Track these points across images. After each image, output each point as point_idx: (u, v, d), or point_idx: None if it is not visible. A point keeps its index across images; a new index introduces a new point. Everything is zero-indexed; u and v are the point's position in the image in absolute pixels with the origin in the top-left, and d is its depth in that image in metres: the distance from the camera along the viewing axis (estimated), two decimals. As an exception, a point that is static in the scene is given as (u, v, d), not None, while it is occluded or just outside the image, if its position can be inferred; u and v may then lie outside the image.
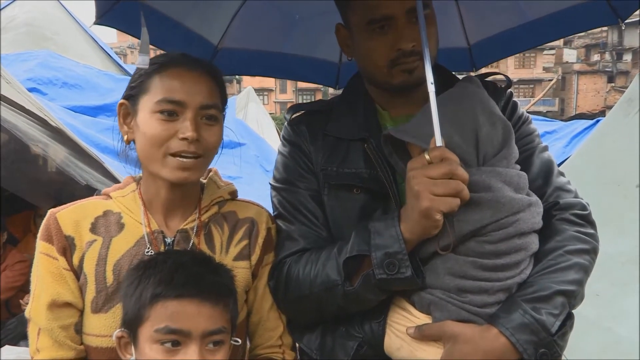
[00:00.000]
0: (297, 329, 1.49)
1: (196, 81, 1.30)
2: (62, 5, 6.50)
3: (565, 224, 1.36)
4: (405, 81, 1.37)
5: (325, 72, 2.02)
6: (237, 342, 1.23)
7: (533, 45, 1.99)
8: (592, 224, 1.39)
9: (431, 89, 1.22)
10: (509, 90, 1.53)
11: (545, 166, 1.44)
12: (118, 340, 1.21)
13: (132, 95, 1.33)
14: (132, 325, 1.17)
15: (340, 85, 2.04)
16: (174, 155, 1.27)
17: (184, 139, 1.25)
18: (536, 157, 1.44)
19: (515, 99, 1.54)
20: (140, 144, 1.31)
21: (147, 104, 1.29)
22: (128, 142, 1.36)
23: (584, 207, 1.40)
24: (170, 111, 1.26)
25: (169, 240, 1.37)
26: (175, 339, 1.12)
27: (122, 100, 1.35)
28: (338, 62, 1.98)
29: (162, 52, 1.51)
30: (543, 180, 1.41)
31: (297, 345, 1.53)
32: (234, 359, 1.45)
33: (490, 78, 1.54)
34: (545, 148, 1.49)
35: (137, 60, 1.31)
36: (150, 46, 1.37)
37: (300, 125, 1.53)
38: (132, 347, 1.18)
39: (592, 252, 1.35)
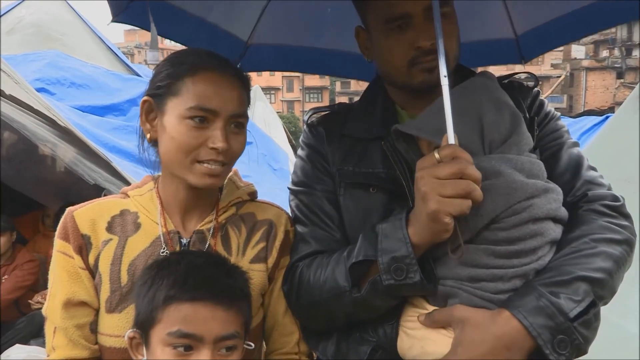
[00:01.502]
0: (312, 337, 1.46)
1: (228, 88, 1.28)
2: (70, 6, 6.54)
3: (593, 214, 1.27)
4: (425, 81, 1.33)
5: (361, 67, 1.92)
6: (250, 346, 1.21)
7: (583, 34, 1.87)
8: (625, 216, 1.30)
9: (444, 82, 1.18)
10: (536, 88, 1.49)
11: (574, 160, 1.38)
12: (130, 340, 1.19)
13: (159, 94, 1.29)
14: (144, 326, 1.15)
15: None
16: (201, 162, 1.26)
17: (213, 148, 1.24)
18: (564, 152, 1.39)
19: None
20: (166, 147, 1.28)
21: (177, 108, 1.25)
22: (151, 140, 1.33)
23: (616, 199, 1.32)
24: (202, 118, 1.24)
25: (184, 241, 1.35)
26: (188, 343, 1.10)
27: (146, 97, 1.32)
28: None
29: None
30: (572, 174, 1.35)
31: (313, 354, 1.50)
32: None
33: (515, 77, 1.50)
34: (575, 144, 1.43)
35: (148, 57, 1.30)
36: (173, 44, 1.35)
37: (318, 127, 1.51)
38: (144, 348, 1.17)
39: (625, 243, 1.24)
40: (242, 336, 1.18)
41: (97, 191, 3.12)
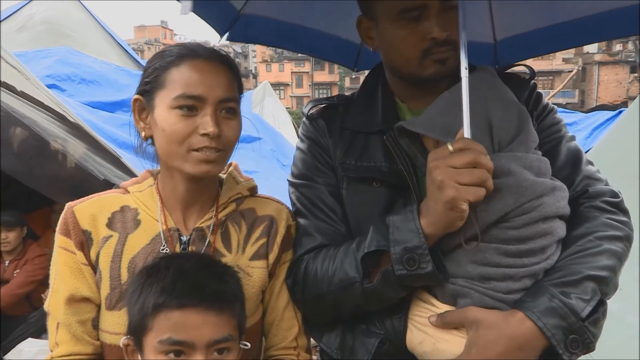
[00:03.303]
0: (316, 328, 1.47)
1: (214, 74, 1.26)
2: (80, 3, 6.57)
3: (595, 211, 1.30)
4: (436, 72, 1.33)
5: (346, 52, 1.94)
6: (247, 345, 1.21)
7: (563, 47, 1.87)
8: (624, 212, 1.32)
9: (464, 73, 1.19)
10: (533, 81, 1.49)
11: (573, 155, 1.39)
12: (125, 347, 1.19)
13: (147, 90, 1.29)
14: (136, 333, 1.15)
15: (359, 67, 1.98)
16: (195, 150, 1.24)
17: (205, 134, 1.22)
18: (563, 146, 1.40)
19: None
20: (159, 141, 1.27)
21: (164, 100, 1.24)
22: (145, 138, 1.32)
23: (615, 195, 1.34)
24: (190, 106, 1.23)
25: (184, 238, 1.34)
26: (180, 349, 1.10)
27: (136, 96, 1.31)
28: (359, 43, 1.90)
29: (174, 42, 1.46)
30: (571, 168, 1.36)
31: (312, 346, 1.50)
32: (247, 359, 1.44)
33: (512, 69, 1.51)
34: (573, 138, 1.44)
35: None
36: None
37: (318, 120, 1.50)
38: (139, 355, 1.16)
39: (626, 239, 1.27)
40: (236, 338, 1.17)
41: (107, 187, 3.11)
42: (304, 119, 1.55)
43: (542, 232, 1.21)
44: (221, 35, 1.78)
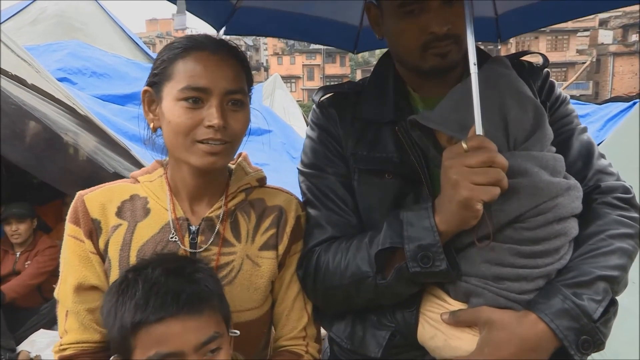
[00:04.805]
0: (325, 317, 1.47)
1: (220, 65, 1.26)
2: (92, -4, 6.59)
3: (607, 207, 1.29)
4: (437, 65, 1.31)
5: (345, 36, 1.93)
6: (235, 333, 1.21)
7: (566, 19, 1.84)
8: (636, 208, 1.32)
9: (473, 69, 1.16)
10: (546, 69, 1.46)
11: (585, 148, 1.37)
12: None
13: (156, 82, 1.29)
14: (122, 353, 1.12)
15: (359, 49, 1.98)
16: (201, 142, 1.24)
17: (210, 126, 1.22)
18: (575, 139, 1.38)
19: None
20: (166, 132, 1.28)
21: (171, 92, 1.25)
22: (154, 129, 1.33)
23: (627, 190, 1.33)
24: (195, 98, 1.23)
25: (193, 228, 1.34)
26: None
27: (145, 88, 1.32)
28: (358, 25, 1.89)
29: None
30: (583, 163, 1.35)
31: (321, 336, 1.50)
32: (257, 349, 1.43)
33: (525, 57, 1.48)
34: (585, 129, 1.42)
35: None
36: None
37: (329, 108, 1.49)
38: None
39: (637, 236, 1.27)
40: (223, 331, 1.16)
41: (117, 179, 3.12)
42: (314, 106, 1.53)
43: (557, 233, 1.21)
44: (217, 30, 1.77)
